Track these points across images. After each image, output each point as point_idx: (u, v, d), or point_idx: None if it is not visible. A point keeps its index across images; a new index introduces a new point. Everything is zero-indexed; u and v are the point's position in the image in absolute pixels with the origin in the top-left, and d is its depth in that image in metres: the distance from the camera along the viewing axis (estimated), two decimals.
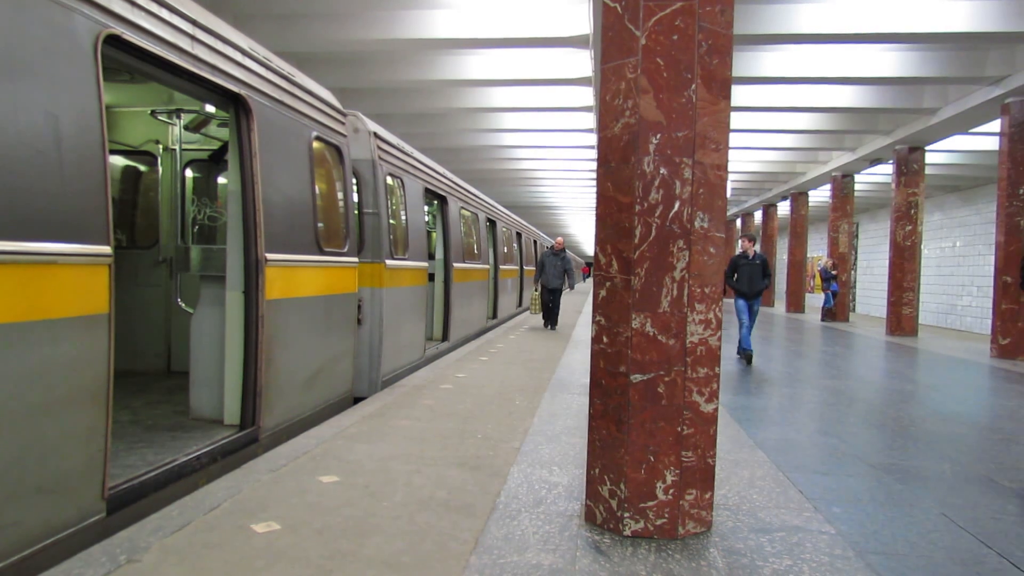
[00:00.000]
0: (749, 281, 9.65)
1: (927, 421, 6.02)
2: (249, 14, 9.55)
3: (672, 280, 3.09)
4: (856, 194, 20.05)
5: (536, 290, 13.96)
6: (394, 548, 2.85)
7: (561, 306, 14.85)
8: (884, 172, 18.51)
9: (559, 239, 13.30)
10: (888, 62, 10.93)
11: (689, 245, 3.09)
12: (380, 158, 6.76)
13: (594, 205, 3.35)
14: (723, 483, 3.88)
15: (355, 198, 6.42)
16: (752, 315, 9.77)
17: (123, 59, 3.27)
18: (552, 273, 12.95)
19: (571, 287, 13.61)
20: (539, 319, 14.67)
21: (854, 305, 25.38)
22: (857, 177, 19.38)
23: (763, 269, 9.67)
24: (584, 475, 3.45)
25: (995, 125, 12.40)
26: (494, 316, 14.36)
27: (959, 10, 8.99)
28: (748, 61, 10.85)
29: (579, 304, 23.42)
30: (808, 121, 14.98)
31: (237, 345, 4.35)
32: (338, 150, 5.74)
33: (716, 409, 3.20)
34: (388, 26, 9.76)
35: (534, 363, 8.52)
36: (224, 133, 5.95)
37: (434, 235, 10.23)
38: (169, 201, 6.39)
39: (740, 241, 10.08)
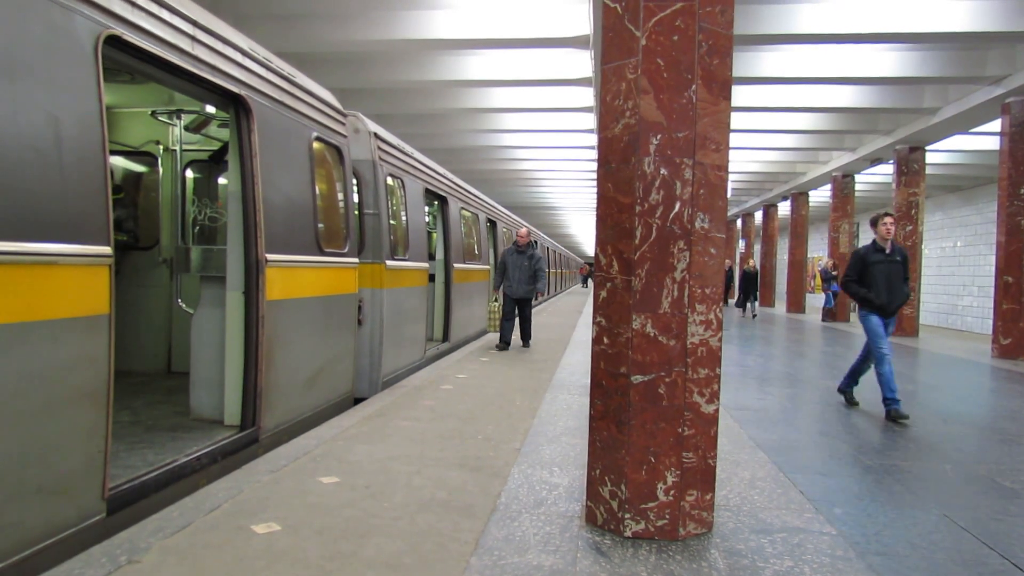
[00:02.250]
0: (888, 287, 6.07)
1: (928, 422, 6.01)
2: (249, 15, 9.56)
3: (673, 281, 3.09)
4: (857, 194, 20.05)
5: (495, 299, 10.42)
6: (394, 549, 2.85)
7: (533, 319, 11.97)
8: (885, 172, 18.52)
9: (522, 230, 10.08)
10: (888, 62, 10.93)
11: (690, 246, 3.08)
12: (380, 159, 6.76)
13: (594, 206, 3.35)
14: (724, 484, 3.88)
15: (355, 199, 6.42)
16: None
17: (123, 60, 3.26)
18: (517, 277, 9.77)
19: (541, 292, 10.09)
20: (497, 339, 10.63)
21: (854, 305, 25.36)
22: (858, 177, 19.39)
23: (904, 269, 6.21)
24: (585, 476, 3.45)
25: (996, 125, 12.41)
26: None
27: (959, 10, 8.99)
28: (748, 61, 10.86)
29: (579, 305, 23.42)
30: (808, 121, 14.99)
31: (237, 346, 4.35)
32: (338, 150, 5.74)
33: (717, 410, 3.20)
34: (388, 27, 9.77)
35: (535, 363, 8.52)
36: (224, 134, 5.95)
37: (434, 235, 10.23)
38: (169, 202, 6.39)
39: (878, 224, 6.22)
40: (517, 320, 10.18)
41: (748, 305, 21.01)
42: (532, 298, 9.92)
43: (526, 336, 10.20)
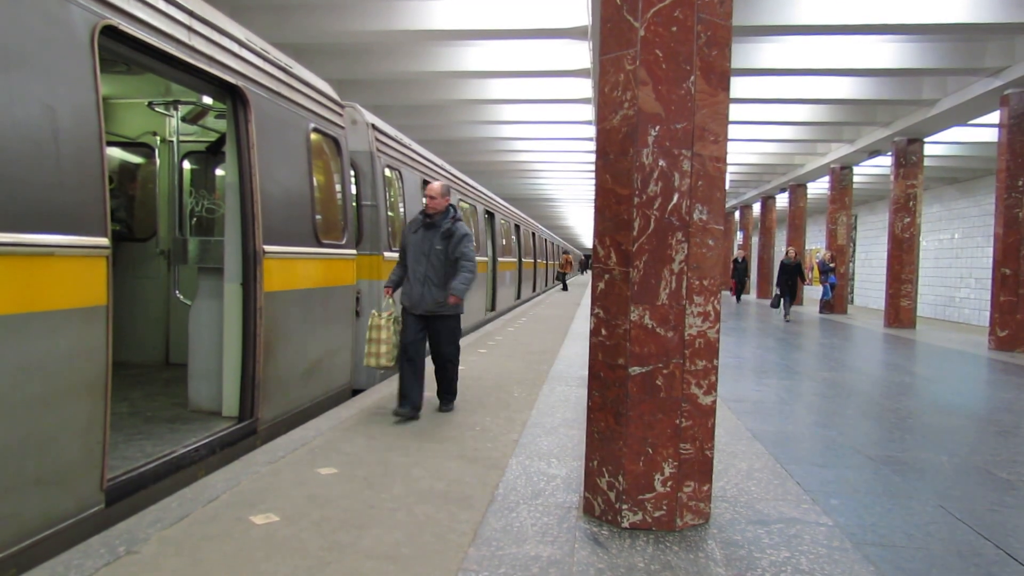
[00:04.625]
0: None
1: (925, 413, 6.04)
2: (246, 5, 9.50)
3: (671, 272, 3.09)
4: (855, 186, 20.03)
5: (388, 314, 5.16)
6: (393, 540, 2.86)
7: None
8: (883, 164, 18.48)
9: (435, 185, 5.18)
10: (887, 53, 10.90)
11: (688, 237, 3.08)
12: (378, 150, 6.74)
13: (593, 197, 3.34)
14: (721, 475, 3.89)
15: (353, 190, 6.41)
16: None
17: (120, 50, 3.25)
18: (421, 273, 5.03)
19: (456, 296, 5.01)
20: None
21: (852, 297, 25.41)
22: (856, 169, 19.35)
23: None
24: (582, 467, 3.46)
25: (994, 116, 12.38)
26: (492, 308, 14.37)
27: (958, 1, 8.96)
28: (747, 52, 10.81)
29: (577, 297, 23.44)
30: (807, 113, 14.95)
31: (235, 337, 4.35)
32: (336, 142, 5.72)
33: (714, 401, 3.20)
34: (386, 17, 9.72)
35: (532, 355, 8.53)
36: (221, 125, 5.93)
37: None
38: (167, 193, 6.38)
39: None
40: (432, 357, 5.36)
41: (784, 304, 16.36)
42: (455, 314, 5.20)
43: (446, 389, 5.39)
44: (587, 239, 68.56)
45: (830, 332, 13.81)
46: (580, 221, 50.19)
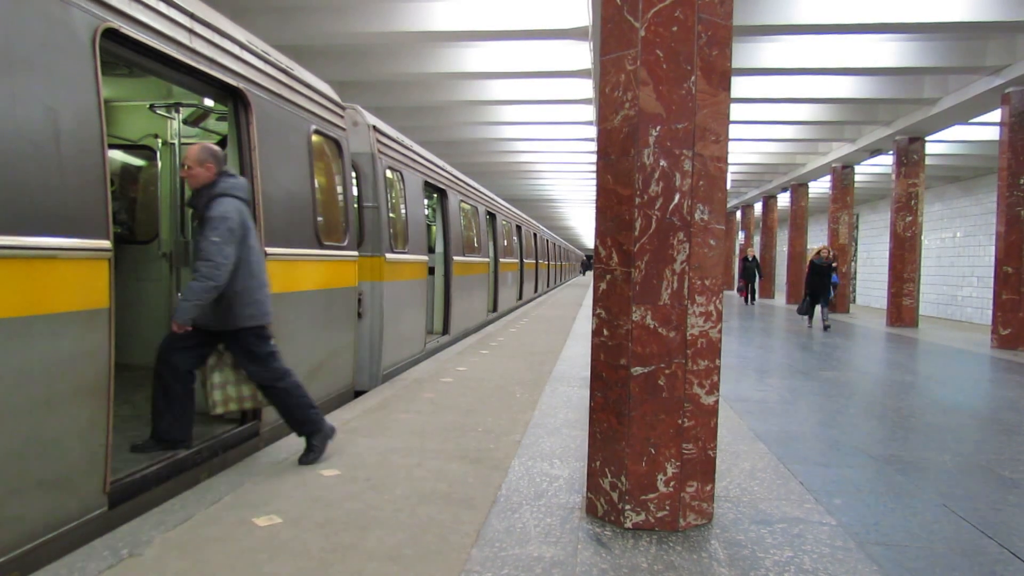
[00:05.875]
0: None
1: (927, 412, 6.03)
2: (247, 7, 9.51)
3: (672, 272, 3.09)
4: (856, 185, 20.01)
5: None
6: (396, 541, 2.86)
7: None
8: (884, 163, 18.47)
9: (189, 151, 3.68)
10: (888, 52, 10.89)
11: (689, 237, 3.08)
12: (379, 151, 6.74)
13: (594, 198, 3.34)
14: (724, 475, 3.89)
15: (355, 192, 6.41)
16: None
17: (121, 53, 3.25)
18: (195, 268, 3.57)
19: (181, 313, 3.48)
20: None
21: (854, 296, 25.38)
22: (857, 168, 19.34)
23: None
24: (585, 468, 3.46)
25: (996, 115, 12.37)
26: (495, 309, 14.36)
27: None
28: (748, 52, 10.81)
29: (579, 297, 23.42)
30: (808, 112, 14.94)
31: None
32: (337, 143, 5.72)
33: (717, 401, 3.20)
34: (387, 19, 9.73)
35: (535, 356, 8.52)
36: (223, 127, 5.93)
37: (434, 228, 10.21)
38: (168, 195, 6.37)
39: None
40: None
41: (816, 311, 14.18)
42: (245, 327, 3.76)
43: (289, 421, 4.01)
44: (588, 239, 68.56)
45: (832, 331, 13.79)
46: (581, 221, 50.19)
